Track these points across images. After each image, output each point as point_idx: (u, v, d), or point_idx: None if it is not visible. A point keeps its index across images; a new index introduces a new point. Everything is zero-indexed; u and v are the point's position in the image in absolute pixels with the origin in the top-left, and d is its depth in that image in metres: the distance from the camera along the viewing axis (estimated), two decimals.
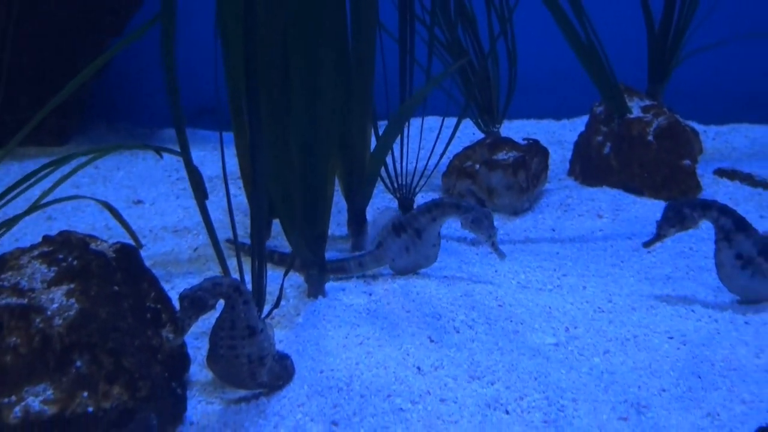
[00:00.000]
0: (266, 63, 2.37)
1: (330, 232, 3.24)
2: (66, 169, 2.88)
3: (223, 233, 2.73)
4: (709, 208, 2.52)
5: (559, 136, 4.58)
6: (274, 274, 2.72)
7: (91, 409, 1.80)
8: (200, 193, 2.22)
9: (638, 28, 4.08)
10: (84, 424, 1.80)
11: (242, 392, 2.15)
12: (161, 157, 2.99)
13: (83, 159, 2.81)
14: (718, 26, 4.35)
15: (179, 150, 2.26)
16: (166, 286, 2.80)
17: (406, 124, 3.18)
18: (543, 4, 3.41)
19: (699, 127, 4.71)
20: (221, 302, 2.00)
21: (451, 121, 3.43)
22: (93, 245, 2.09)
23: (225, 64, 2.72)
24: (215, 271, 2.83)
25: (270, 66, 2.41)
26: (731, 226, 2.50)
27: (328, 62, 2.50)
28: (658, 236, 2.54)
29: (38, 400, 1.79)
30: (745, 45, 4.55)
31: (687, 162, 3.55)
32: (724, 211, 2.51)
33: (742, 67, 4.84)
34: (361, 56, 2.80)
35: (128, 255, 2.10)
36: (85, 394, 1.81)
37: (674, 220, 2.51)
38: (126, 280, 2.03)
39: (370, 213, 3.18)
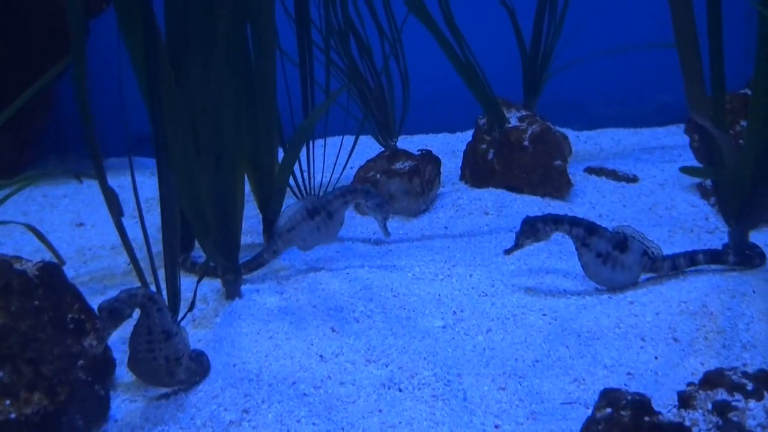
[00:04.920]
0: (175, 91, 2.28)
1: (251, 240, 3.16)
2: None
3: (155, 248, 2.62)
4: (561, 222, 2.49)
5: (453, 146, 4.54)
6: (203, 280, 2.64)
7: (13, 415, 1.71)
8: (116, 211, 2.12)
9: (514, 51, 4.09)
10: (8, 429, 1.69)
11: (163, 389, 2.06)
12: (81, 182, 2.88)
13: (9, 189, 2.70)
14: (586, 44, 4.36)
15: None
16: (100, 298, 2.70)
17: (312, 142, 3.12)
18: (427, 29, 3.39)
19: (572, 132, 4.73)
20: (138, 311, 1.93)
21: (353, 139, 3.39)
22: (17, 265, 1.97)
23: None
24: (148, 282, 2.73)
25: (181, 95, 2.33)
26: (584, 233, 2.47)
27: (229, 89, 2.42)
28: (516, 246, 2.52)
29: None
30: (610, 60, 4.58)
31: (558, 162, 3.54)
32: (575, 222, 2.48)
33: (608, 78, 4.87)
34: (264, 83, 2.72)
35: (50, 272, 1.99)
36: (8, 402, 1.72)
37: (529, 233, 2.49)
38: (47, 295, 1.92)
39: None
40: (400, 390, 2.02)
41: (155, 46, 2.07)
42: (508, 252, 2.54)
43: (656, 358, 2.15)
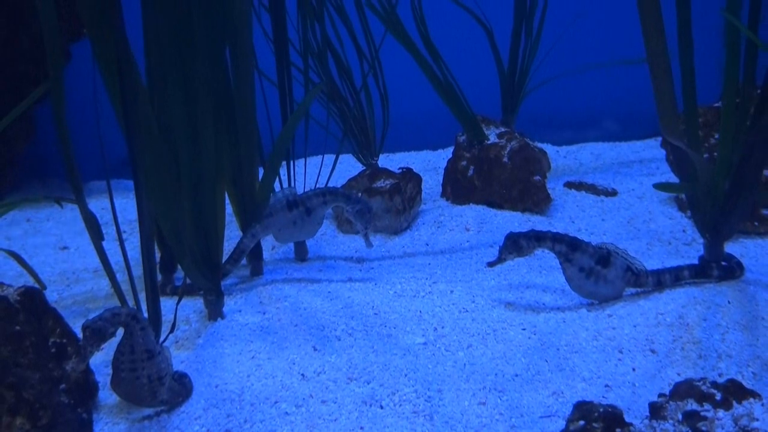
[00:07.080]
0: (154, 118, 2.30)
1: None
2: None
3: (138, 270, 2.64)
4: (543, 239, 2.52)
5: (435, 163, 4.58)
6: (186, 302, 2.66)
7: None
8: (96, 236, 2.13)
9: (492, 69, 4.14)
10: None
11: (146, 411, 2.07)
12: (62, 207, 2.89)
13: None
14: (563, 61, 4.42)
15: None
16: (83, 321, 2.71)
17: (292, 162, 3.14)
18: (404, 48, 3.44)
19: (552, 147, 4.79)
20: (121, 330, 1.94)
21: (334, 158, 3.43)
22: None
23: None
24: (130, 304, 2.74)
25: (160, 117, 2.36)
26: (566, 249, 2.51)
27: (208, 111, 2.44)
28: (499, 259, 2.56)
29: None
30: (587, 75, 4.62)
31: (537, 177, 3.58)
32: (557, 238, 2.51)
33: (586, 93, 4.92)
34: (243, 103, 2.74)
35: (32, 297, 2.00)
36: None
37: (512, 248, 2.52)
38: (29, 319, 1.93)
39: (266, 241, 3.13)
40: (382, 407, 2.04)
41: (129, 70, 2.08)
42: (491, 264, 2.57)
43: (634, 369, 2.18)
